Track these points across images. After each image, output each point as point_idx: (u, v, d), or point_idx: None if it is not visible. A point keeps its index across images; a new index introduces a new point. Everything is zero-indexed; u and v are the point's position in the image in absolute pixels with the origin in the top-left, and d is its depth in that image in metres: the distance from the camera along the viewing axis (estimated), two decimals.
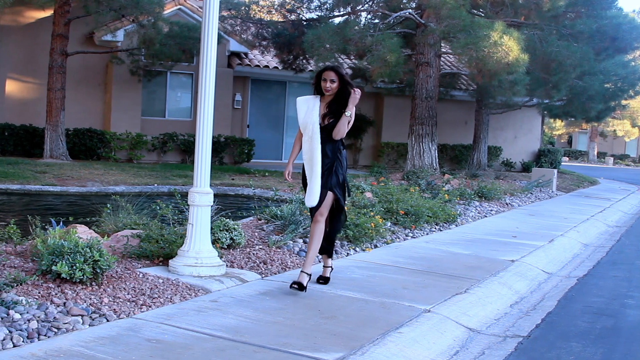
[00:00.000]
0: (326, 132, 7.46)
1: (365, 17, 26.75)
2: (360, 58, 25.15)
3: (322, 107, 7.56)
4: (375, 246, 10.66)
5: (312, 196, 7.37)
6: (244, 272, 8.05)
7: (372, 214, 11.32)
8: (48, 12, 23.36)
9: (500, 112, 31.07)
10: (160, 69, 25.15)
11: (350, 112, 7.39)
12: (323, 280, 7.85)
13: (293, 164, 7.80)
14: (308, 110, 7.58)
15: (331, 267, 8.01)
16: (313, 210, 7.48)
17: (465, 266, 9.57)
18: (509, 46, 19.11)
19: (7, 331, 5.24)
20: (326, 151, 7.46)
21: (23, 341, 5.18)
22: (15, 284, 6.13)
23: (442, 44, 24.22)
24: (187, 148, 25.69)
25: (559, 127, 73.40)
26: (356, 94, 7.37)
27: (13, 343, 5.11)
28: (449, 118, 31.88)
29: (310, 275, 7.32)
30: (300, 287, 7.14)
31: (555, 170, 26.68)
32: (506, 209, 17.62)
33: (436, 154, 23.61)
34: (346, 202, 7.99)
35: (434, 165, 23.23)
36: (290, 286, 7.17)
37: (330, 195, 7.45)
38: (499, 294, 8.36)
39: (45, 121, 22.63)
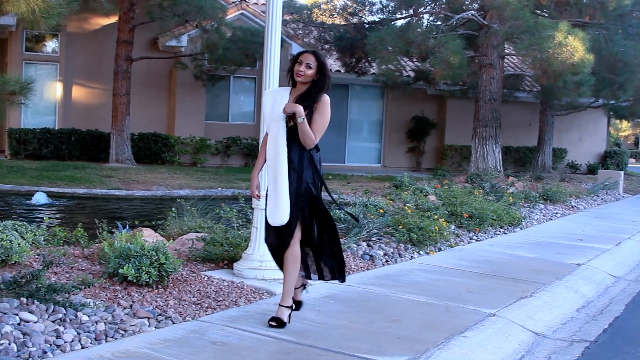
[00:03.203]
0: (293, 132, 5.95)
1: (428, 19, 26.69)
2: (422, 60, 25.07)
3: (292, 101, 6.01)
4: (439, 249, 10.61)
5: (279, 212, 5.87)
6: None
7: (435, 217, 11.26)
8: (113, 19, 23.68)
9: (565, 113, 30.65)
10: (223, 73, 25.34)
11: (301, 118, 5.82)
12: (276, 322, 5.99)
13: (258, 175, 6.33)
14: (274, 105, 6.04)
15: (291, 306, 6.14)
16: (280, 233, 5.97)
17: (531, 270, 9.47)
18: (573, 46, 18.88)
19: (76, 333, 5.32)
20: (292, 157, 5.96)
21: (91, 343, 5.25)
22: (83, 287, 6.22)
23: (505, 45, 24.01)
24: (250, 152, 25.81)
25: (625, 128, 72.33)
26: (286, 109, 5.89)
27: (81, 344, 5.19)
28: (513, 120, 31.55)
29: (291, 307, 6.05)
30: (280, 323, 5.90)
31: (622, 172, 26.31)
32: (572, 211, 17.40)
33: (500, 157, 23.41)
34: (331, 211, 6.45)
35: (498, 167, 23.02)
36: (269, 323, 5.92)
37: (306, 209, 6.01)
38: (565, 297, 8.25)
39: (110, 126, 22.93)
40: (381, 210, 11.34)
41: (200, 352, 5.19)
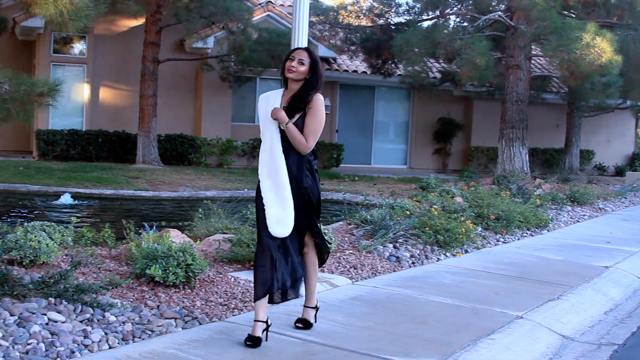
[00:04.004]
0: (288, 139, 5.60)
1: (454, 20, 26.62)
2: (449, 62, 25.04)
3: (284, 103, 5.66)
4: (466, 251, 10.57)
5: (284, 223, 5.52)
6: (334, 277, 8.07)
7: (462, 218, 11.23)
8: (140, 21, 23.80)
9: (592, 115, 30.48)
10: (249, 75, 25.39)
11: (284, 124, 5.51)
12: (303, 324, 5.98)
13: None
14: (267, 109, 5.67)
15: (316, 306, 6.08)
16: (273, 244, 5.55)
17: (558, 272, 9.41)
18: (601, 47, 18.76)
19: (103, 333, 5.36)
20: (289, 164, 5.58)
21: (118, 343, 5.28)
22: (110, 287, 6.26)
23: (532, 47, 23.90)
24: None
25: None
26: (272, 115, 5.56)
27: (109, 344, 5.22)
28: (539, 121, 31.41)
29: (267, 322, 5.51)
30: (255, 342, 5.37)
31: None
32: (599, 213, 17.28)
33: (527, 158, 23.30)
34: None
35: (525, 169, 22.91)
36: (245, 342, 5.38)
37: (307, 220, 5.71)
38: (593, 300, 8.20)
39: (137, 127, 23.07)
40: (407, 212, 11.32)
41: (227, 353, 5.20)
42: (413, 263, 9.42)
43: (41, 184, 17.08)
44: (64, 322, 5.41)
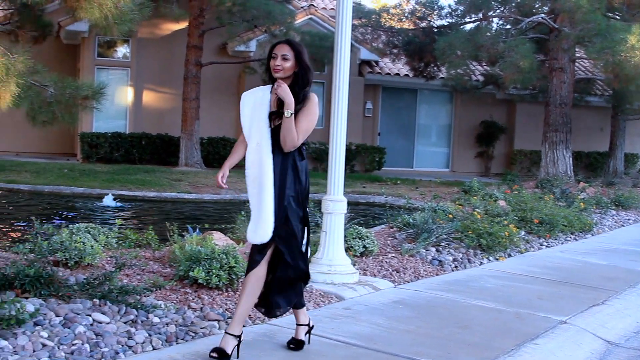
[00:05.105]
0: (275, 137, 5.21)
1: (497, 23, 26.46)
2: (492, 64, 24.89)
3: (274, 102, 5.30)
4: (509, 255, 10.51)
5: (262, 229, 5.06)
6: (376, 280, 8.05)
7: (505, 222, 11.16)
8: (183, 25, 23.95)
9: (637, 118, 30.12)
10: None
11: (291, 111, 5.08)
12: (294, 344, 5.43)
13: (229, 169, 5.46)
14: (255, 106, 5.39)
15: (309, 324, 5.50)
16: (258, 251, 5.15)
17: (602, 277, 9.33)
18: None
19: (147, 334, 5.39)
20: (274, 164, 5.16)
21: (162, 344, 5.31)
22: (154, 289, 6.30)
23: (576, 49, 23.71)
24: (318, 156, 25.86)
25: None
26: (277, 91, 5.15)
27: (152, 346, 5.25)
28: (583, 125, 31.13)
29: (239, 337, 5.06)
30: (222, 354, 4.96)
31: None
32: None
33: (571, 162, 23.11)
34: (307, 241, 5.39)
35: (569, 173, 22.73)
36: (210, 354, 4.99)
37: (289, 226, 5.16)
38: (638, 305, 8.10)
39: (180, 130, 23.24)
40: (450, 216, 11.28)
41: (270, 356, 5.21)
42: (456, 267, 9.38)
43: (85, 186, 17.25)
44: (108, 323, 5.45)
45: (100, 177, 18.81)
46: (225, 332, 5.07)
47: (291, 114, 5.05)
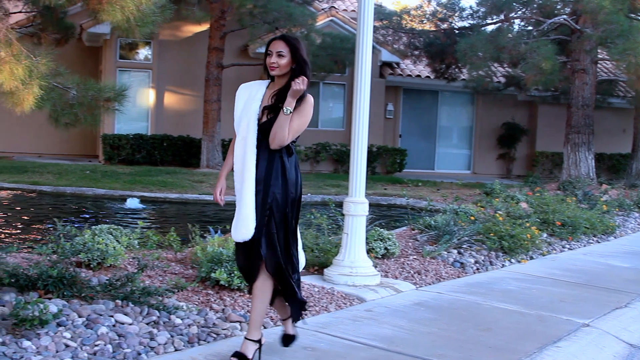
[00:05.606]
0: (263, 132, 5.05)
1: (519, 24, 26.38)
2: (513, 66, 24.83)
3: (267, 97, 5.15)
4: (531, 257, 10.47)
5: (242, 227, 5.01)
6: (398, 282, 8.04)
7: (527, 224, 11.12)
8: (204, 27, 24.00)
9: None
10: (313, 80, 25.16)
11: (290, 109, 4.91)
12: (285, 341, 5.32)
13: (226, 178, 5.47)
14: (248, 100, 5.25)
15: (259, 340, 5.08)
16: (247, 252, 5.06)
17: (625, 280, 9.27)
18: None
19: (169, 335, 5.41)
20: (259, 160, 5.03)
21: (184, 345, 5.32)
22: (176, 290, 6.31)
23: (598, 50, 23.60)
24: (340, 158, 25.88)
25: None
26: (298, 86, 4.88)
27: (174, 347, 5.26)
28: (606, 126, 30.97)
29: (259, 341, 5.03)
30: (242, 359, 4.94)
31: None
32: None
33: (593, 164, 22.99)
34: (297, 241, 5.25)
35: (591, 175, 22.61)
36: (230, 359, 4.94)
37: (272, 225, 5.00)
38: None
39: (201, 132, 23.29)
40: (472, 218, 11.25)
41: (291, 358, 5.21)
42: (477, 269, 9.36)
43: (107, 187, 17.33)
44: (130, 324, 5.47)
45: (122, 178, 18.88)
46: (245, 338, 5.03)
47: (290, 112, 4.90)
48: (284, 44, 5.01)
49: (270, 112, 5.02)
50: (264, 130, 5.00)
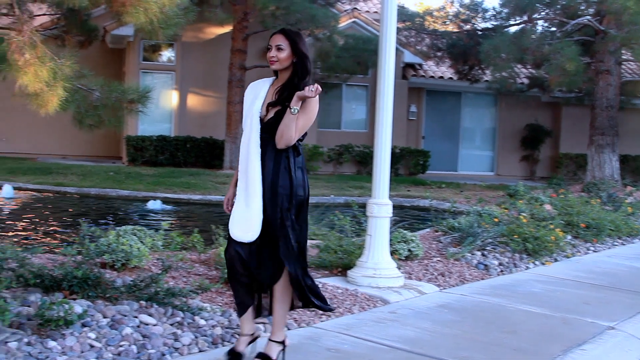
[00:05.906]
0: (269, 130, 4.88)
1: (542, 26, 26.27)
2: (537, 67, 24.74)
3: (271, 94, 5.02)
4: (555, 260, 10.42)
5: (248, 226, 4.89)
6: (421, 284, 8.02)
7: (551, 226, 11.06)
8: (227, 29, 24.05)
9: None
10: (335, 81, 25.45)
11: (297, 108, 4.78)
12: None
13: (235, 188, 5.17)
14: (253, 99, 5.07)
15: (283, 342, 5.06)
16: (238, 250, 5.05)
17: None
18: None
19: (193, 336, 5.42)
20: (265, 160, 4.85)
21: (207, 346, 5.34)
22: (200, 291, 6.33)
23: (622, 51, 23.46)
24: (363, 159, 25.87)
25: None
26: (310, 93, 4.81)
27: (198, 348, 5.28)
28: (630, 128, 30.75)
29: (282, 342, 5.03)
30: (235, 357, 4.96)
31: None
32: None
33: (617, 165, 22.86)
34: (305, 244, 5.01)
35: (615, 176, 22.48)
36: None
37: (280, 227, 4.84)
38: None
39: (224, 133, 23.32)
40: (496, 220, 11.20)
41: (315, 359, 5.21)
42: (501, 271, 9.32)
43: (131, 188, 17.41)
44: (155, 325, 5.49)
45: (145, 180, 18.95)
46: (269, 339, 5.01)
47: (297, 111, 4.77)
48: (283, 38, 4.93)
49: (274, 108, 4.90)
50: (269, 128, 4.86)
